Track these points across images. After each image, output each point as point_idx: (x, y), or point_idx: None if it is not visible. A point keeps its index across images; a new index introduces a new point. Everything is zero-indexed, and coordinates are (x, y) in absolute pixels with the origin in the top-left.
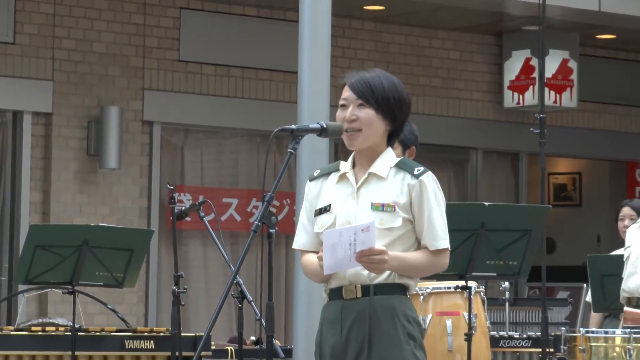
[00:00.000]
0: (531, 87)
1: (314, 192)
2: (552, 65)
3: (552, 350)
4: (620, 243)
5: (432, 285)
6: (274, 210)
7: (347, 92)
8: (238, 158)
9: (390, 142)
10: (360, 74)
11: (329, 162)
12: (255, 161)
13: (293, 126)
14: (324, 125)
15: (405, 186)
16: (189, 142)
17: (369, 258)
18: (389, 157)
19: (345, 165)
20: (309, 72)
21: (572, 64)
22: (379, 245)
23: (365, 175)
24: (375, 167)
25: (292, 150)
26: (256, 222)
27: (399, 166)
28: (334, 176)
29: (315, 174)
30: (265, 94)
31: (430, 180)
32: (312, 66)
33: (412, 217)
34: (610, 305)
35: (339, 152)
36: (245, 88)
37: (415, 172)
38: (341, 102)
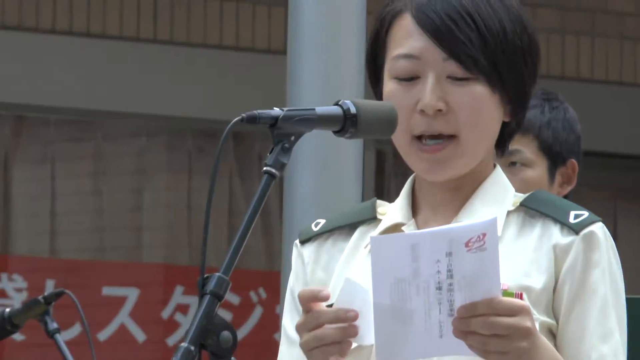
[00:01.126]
0: None
1: (315, 269)
2: None
3: None
4: None
5: None
6: (229, 315)
7: (416, 38)
8: (146, 185)
9: (503, 149)
10: None
11: (366, 193)
12: (184, 191)
13: (276, 110)
14: (352, 109)
15: (546, 252)
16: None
17: (491, 323)
18: (501, 186)
19: (392, 210)
20: None
21: None
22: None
23: None
24: (473, 212)
25: (270, 170)
26: (184, 345)
27: (531, 206)
28: (364, 234)
29: (316, 229)
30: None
31: (603, 240)
32: None
33: (558, 316)
34: None
35: (385, 174)
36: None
37: (572, 221)
38: (400, 62)
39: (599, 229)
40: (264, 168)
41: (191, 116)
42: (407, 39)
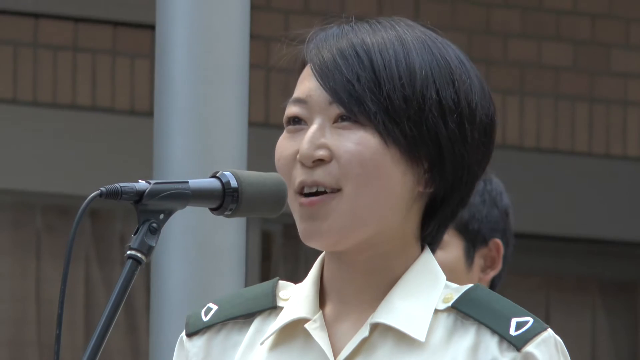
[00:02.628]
0: None
1: None
2: None
3: None
4: None
5: None
6: None
7: (307, 80)
8: None
9: (429, 230)
10: (345, 33)
11: (250, 282)
12: (31, 279)
13: (141, 184)
14: (233, 183)
15: None
16: None
17: None
18: (429, 275)
19: (296, 298)
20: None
21: None
22: None
23: (364, 332)
24: (392, 310)
25: (135, 255)
26: None
27: (463, 310)
28: (262, 326)
29: (206, 318)
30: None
31: (552, 352)
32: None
33: None
34: None
35: (273, 259)
36: None
37: (513, 334)
38: (290, 108)
39: (545, 341)
40: (128, 252)
41: (39, 190)
42: (301, 83)
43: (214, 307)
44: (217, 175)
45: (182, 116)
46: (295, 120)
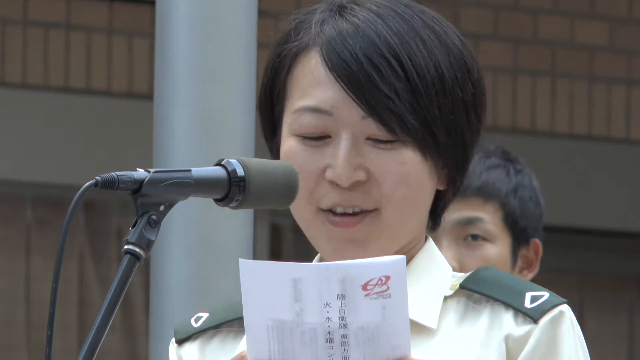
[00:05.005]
0: None
1: None
2: None
3: None
4: None
5: None
6: None
7: (327, 87)
8: None
9: (435, 221)
10: (357, 26)
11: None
12: (21, 277)
13: (140, 172)
14: (240, 171)
15: (496, 346)
16: None
17: None
18: (434, 264)
19: None
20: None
21: None
22: None
23: None
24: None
25: (133, 250)
26: None
27: (474, 288)
28: None
29: (197, 324)
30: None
31: (568, 329)
32: None
33: None
34: None
35: (283, 254)
36: None
37: (529, 306)
38: (306, 117)
39: (562, 314)
40: (125, 247)
41: (29, 180)
42: (315, 88)
43: (205, 315)
44: (223, 163)
45: (184, 100)
46: (312, 133)
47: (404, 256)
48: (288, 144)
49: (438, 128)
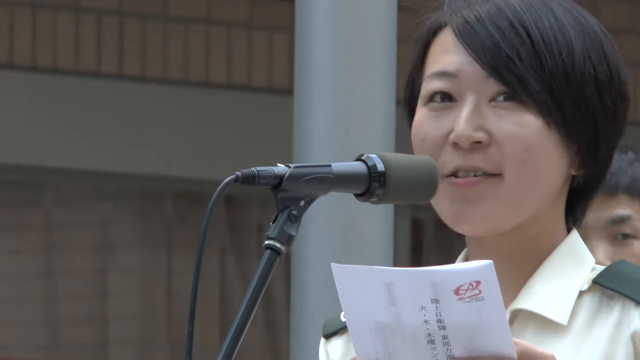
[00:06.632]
0: None
1: None
2: None
3: None
4: None
5: None
6: None
7: (454, 53)
8: (111, 265)
9: (576, 212)
10: None
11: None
12: (162, 272)
13: (280, 167)
14: (380, 166)
15: (624, 344)
16: None
17: None
18: (575, 257)
19: None
20: None
21: None
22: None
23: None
24: (533, 295)
25: (274, 245)
26: None
27: (607, 284)
28: None
29: (344, 319)
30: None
31: None
32: None
33: None
34: None
35: (424, 249)
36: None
37: None
38: (433, 82)
39: None
40: (266, 242)
41: (170, 175)
42: (444, 55)
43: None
44: (363, 158)
45: (324, 95)
46: (442, 97)
47: (491, 261)
48: (417, 116)
49: (562, 96)
